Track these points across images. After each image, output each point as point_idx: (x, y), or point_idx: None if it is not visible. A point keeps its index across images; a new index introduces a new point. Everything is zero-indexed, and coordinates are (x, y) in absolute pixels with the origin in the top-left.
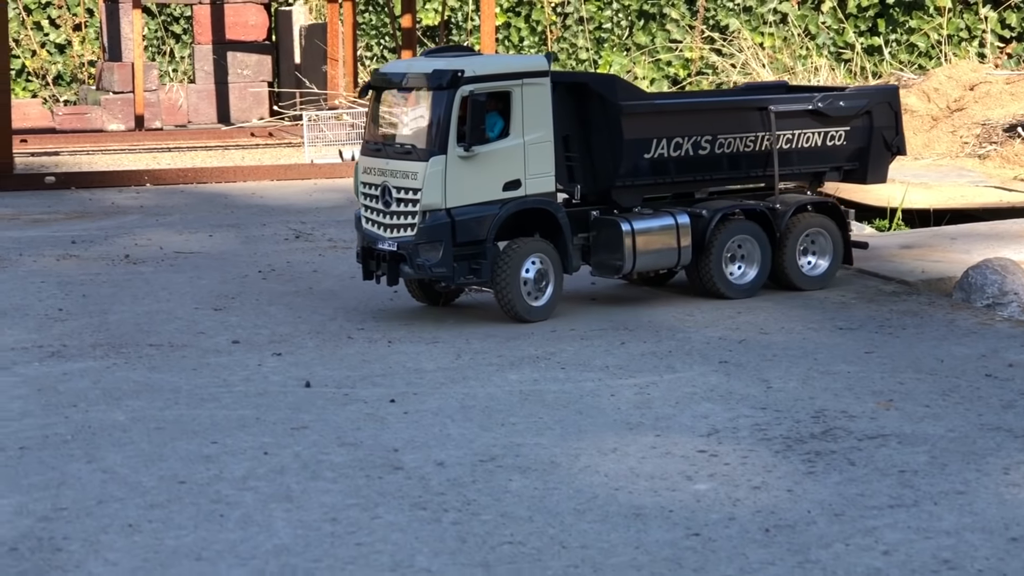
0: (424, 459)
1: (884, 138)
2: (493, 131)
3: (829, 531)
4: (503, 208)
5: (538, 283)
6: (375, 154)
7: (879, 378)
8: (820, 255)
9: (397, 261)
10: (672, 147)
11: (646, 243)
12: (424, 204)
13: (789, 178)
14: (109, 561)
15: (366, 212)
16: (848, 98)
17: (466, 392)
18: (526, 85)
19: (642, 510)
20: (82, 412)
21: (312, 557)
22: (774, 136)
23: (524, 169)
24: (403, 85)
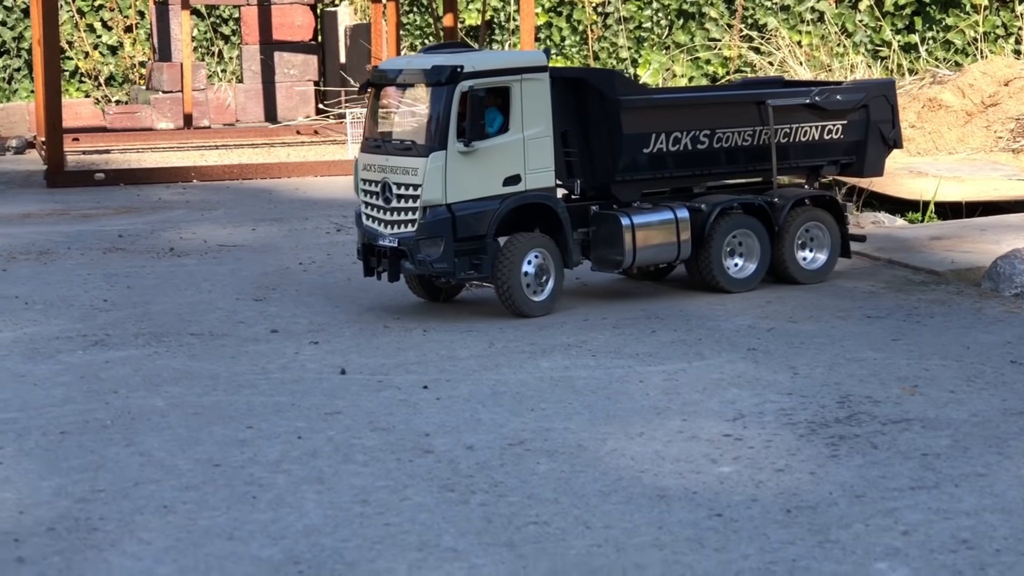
0: (454, 443)
1: (881, 131)
2: (493, 126)
3: (850, 512)
4: (503, 203)
5: (539, 278)
6: (375, 151)
7: (905, 364)
8: (818, 249)
9: (398, 257)
10: (671, 142)
11: (646, 237)
12: (424, 200)
13: (787, 172)
14: (143, 540)
15: (366, 209)
16: (845, 92)
17: (498, 379)
18: (525, 80)
19: (666, 492)
20: (122, 398)
21: (341, 537)
22: (772, 130)
23: (524, 164)
24: (402, 81)
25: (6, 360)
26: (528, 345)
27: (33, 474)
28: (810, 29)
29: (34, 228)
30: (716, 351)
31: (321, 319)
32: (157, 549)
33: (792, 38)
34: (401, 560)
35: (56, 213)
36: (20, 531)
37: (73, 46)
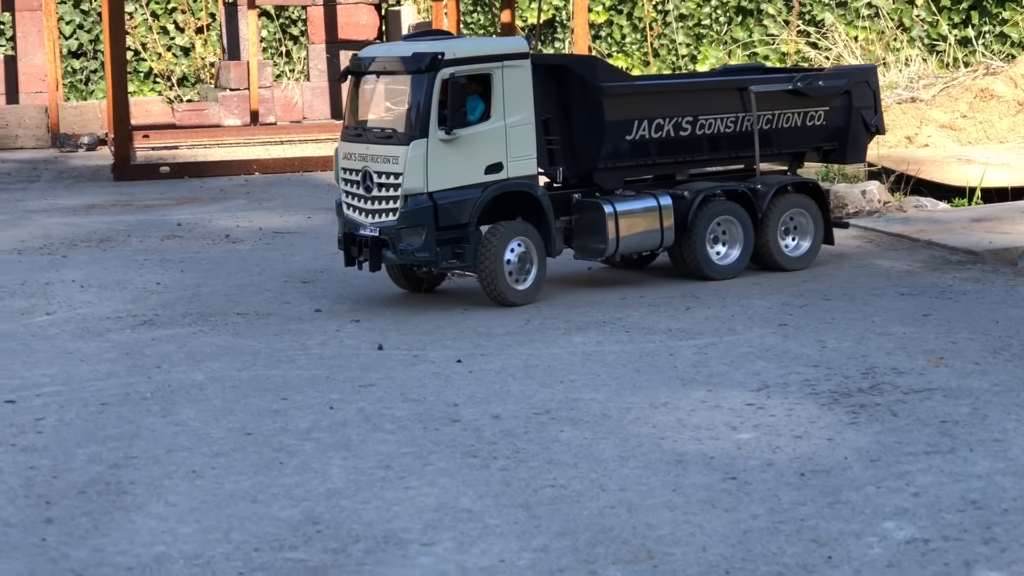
0: (481, 413)
1: (863, 117)
2: (474, 114)
3: (863, 475)
4: (485, 191)
5: (521, 266)
6: (355, 139)
7: (933, 338)
8: (802, 235)
9: (379, 246)
10: (653, 128)
11: (629, 225)
12: (406, 188)
13: (770, 159)
14: (169, 503)
15: (347, 198)
16: (827, 78)
17: (531, 353)
18: (506, 67)
19: (684, 457)
20: (164, 373)
21: (361, 499)
22: (755, 117)
23: (506, 152)
24: (382, 69)
25: (57, 338)
26: (564, 322)
27: (71, 442)
28: (867, 24)
29: (97, 218)
30: (748, 326)
31: (365, 299)
32: (182, 510)
33: (849, 33)
34: (417, 520)
35: (120, 204)
36: (52, 494)
37: (147, 48)
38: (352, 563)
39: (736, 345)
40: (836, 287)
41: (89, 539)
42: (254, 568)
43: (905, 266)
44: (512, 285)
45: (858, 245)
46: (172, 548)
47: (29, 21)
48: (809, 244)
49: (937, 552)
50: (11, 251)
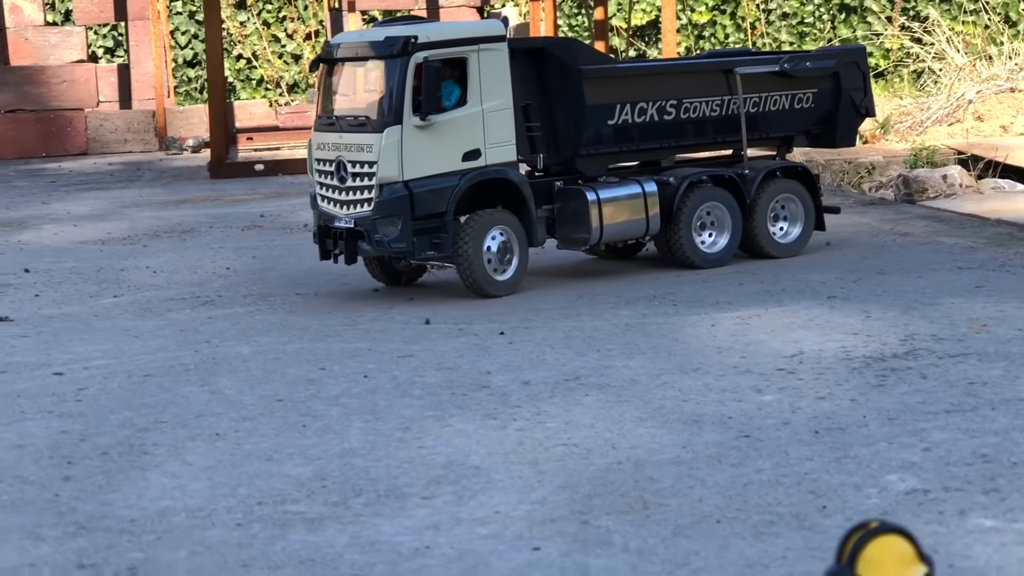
0: (512, 379)
1: (852, 99)
2: (450, 100)
3: (878, 432)
4: (463, 179)
5: (502, 256)
6: (328, 129)
7: (980, 308)
8: (792, 221)
9: (355, 238)
10: (636, 113)
11: (613, 213)
12: (380, 177)
13: (757, 143)
14: (186, 462)
15: (321, 190)
16: (814, 59)
17: (575, 325)
18: (482, 51)
19: (702, 417)
20: (212, 347)
21: (374, 457)
22: (741, 99)
23: (483, 138)
24: (354, 55)
25: (118, 318)
26: (614, 297)
27: (106, 409)
28: (972, 19)
29: (186, 211)
30: (796, 299)
31: (427, 279)
32: (196, 469)
33: (953, 28)
34: (423, 476)
35: (210, 199)
36: (75, 455)
37: (258, 56)
38: (349, 515)
39: (780, 316)
40: (894, 262)
41: (100, 495)
42: (252, 520)
43: (969, 242)
44: (492, 276)
45: (926, 224)
46: (178, 502)
47: (141, 31)
48: (800, 230)
49: (935, 502)
50: (96, 242)
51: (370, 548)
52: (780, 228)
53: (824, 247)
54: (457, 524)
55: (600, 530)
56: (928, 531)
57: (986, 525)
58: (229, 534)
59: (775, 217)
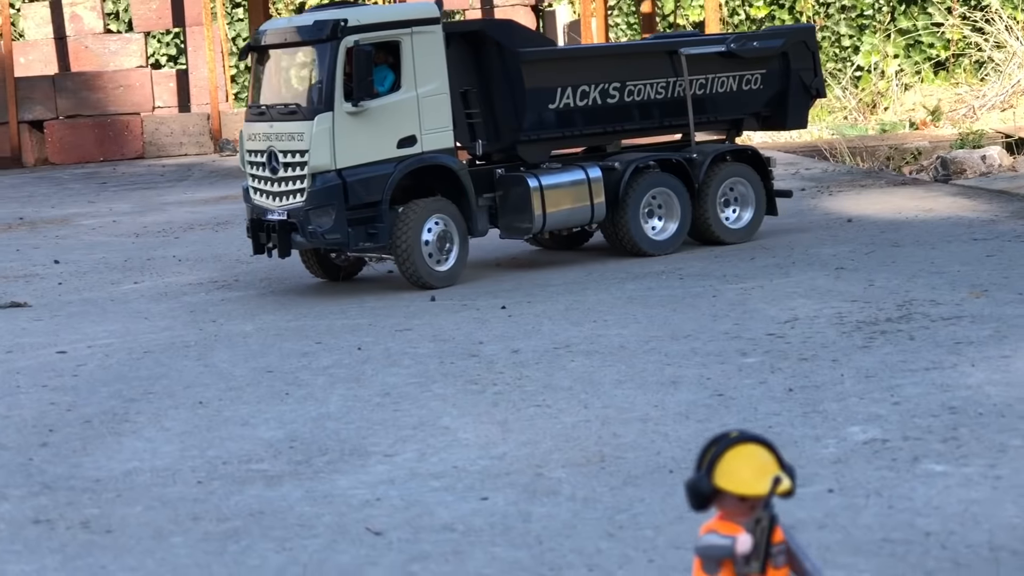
0: (503, 348)
1: (802, 80)
2: (383, 85)
3: (852, 389)
4: (398, 167)
5: (441, 246)
6: (258, 119)
7: (986, 275)
8: (743, 206)
9: (288, 231)
10: (578, 96)
11: (556, 200)
12: (312, 166)
13: (706, 127)
14: (164, 428)
15: (253, 182)
16: (762, 38)
17: (577, 299)
18: (416, 34)
19: (681, 379)
20: (217, 326)
21: (347, 421)
22: (686, 81)
23: (419, 124)
24: (283, 41)
25: (133, 302)
26: (623, 272)
27: (99, 383)
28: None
29: (225, 206)
30: (803, 271)
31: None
32: (172, 434)
33: (1014, 16)
34: (391, 437)
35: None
36: (59, 424)
37: None
38: (310, 472)
39: (783, 286)
40: (911, 236)
41: (72, 458)
42: (214, 478)
43: (991, 216)
44: (432, 267)
45: (952, 201)
46: (145, 463)
47: (198, 36)
48: (751, 215)
49: (891, 450)
50: (130, 235)
51: (322, 501)
52: (732, 212)
53: (845, 224)
54: (413, 478)
55: (552, 481)
56: (876, 476)
57: (936, 470)
58: (188, 491)
59: (725, 202)
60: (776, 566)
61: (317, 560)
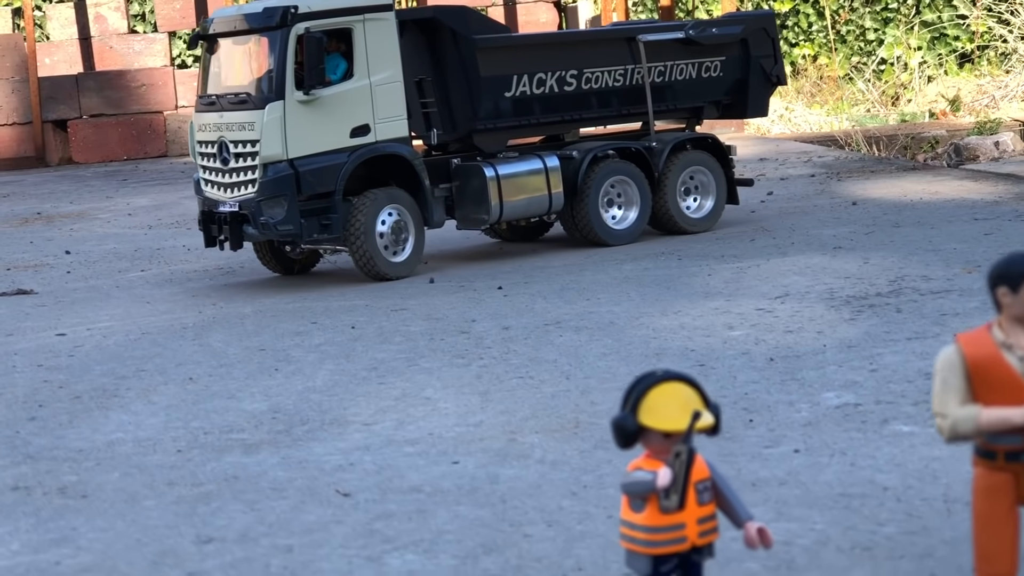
0: (494, 325)
1: (763, 67)
2: (336, 73)
3: (832, 358)
4: (352, 156)
5: (396, 237)
6: (209, 109)
7: (981, 252)
8: (703, 195)
9: (240, 223)
10: (535, 84)
11: (513, 189)
12: (263, 156)
13: (665, 115)
14: (152, 402)
15: (204, 174)
16: (721, 25)
17: (574, 279)
18: (368, 21)
19: (665, 351)
20: (217, 308)
21: (331, 394)
22: (645, 68)
23: (372, 113)
24: (232, 29)
25: (137, 288)
26: (623, 254)
27: (94, 362)
28: None
29: None
30: (801, 250)
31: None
32: (158, 407)
33: None
34: (372, 408)
35: None
36: (49, 400)
37: None
38: (288, 440)
39: (779, 265)
40: (913, 217)
41: (58, 431)
42: (193, 447)
43: (995, 198)
44: (387, 257)
45: (959, 184)
46: (129, 435)
47: None
48: (712, 203)
49: (862, 413)
50: (144, 227)
51: (296, 466)
52: (693, 201)
53: (849, 207)
54: (388, 445)
55: (524, 446)
56: (844, 437)
57: (903, 431)
58: (167, 459)
59: (686, 191)
60: (701, 502)
61: (283, 520)
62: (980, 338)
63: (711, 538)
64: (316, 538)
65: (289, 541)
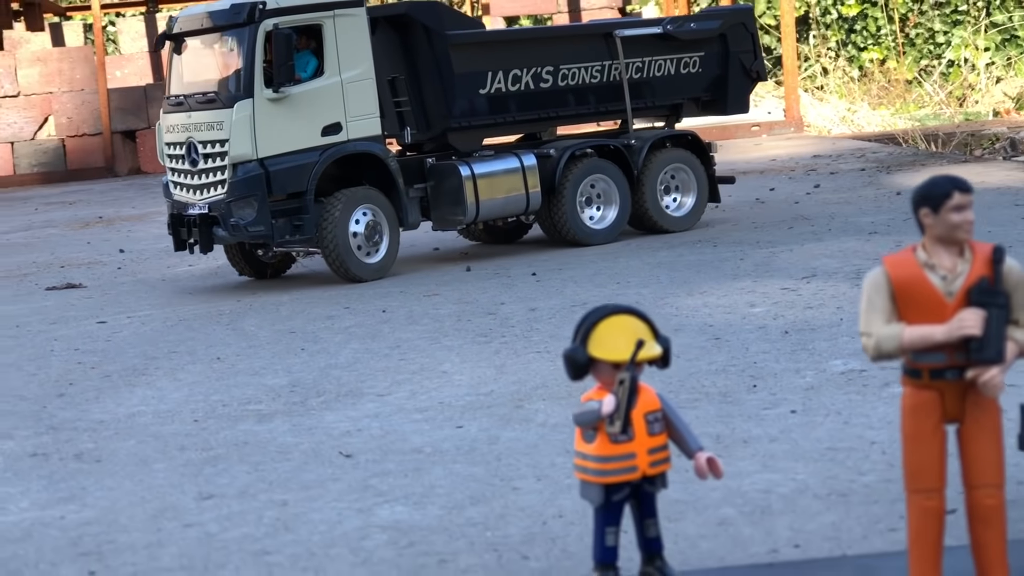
0: (521, 308)
1: (742, 63)
2: (306, 71)
3: (846, 330)
4: (323, 155)
5: (370, 238)
6: (177, 109)
7: (1016, 234)
8: (684, 193)
9: (209, 225)
10: (510, 81)
11: (489, 189)
12: (233, 156)
13: (644, 112)
14: (177, 379)
15: (173, 176)
16: (699, 20)
17: (608, 265)
18: (338, 16)
19: (685, 327)
20: (255, 297)
21: (352, 369)
22: (622, 64)
23: (344, 111)
24: (200, 27)
25: (183, 281)
26: (661, 243)
27: (129, 345)
28: None
29: None
30: (837, 236)
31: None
32: (183, 384)
33: None
34: (389, 380)
35: None
36: (80, 379)
37: None
38: (302, 409)
39: (812, 249)
40: None
41: (83, 406)
42: (210, 417)
43: None
44: (361, 259)
45: (1007, 174)
46: (150, 408)
47: None
48: (693, 202)
49: (864, 378)
50: None
51: (304, 432)
52: (673, 200)
53: (893, 196)
54: (397, 412)
55: (528, 411)
56: (843, 399)
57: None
58: (183, 428)
59: (666, 189)
60: (652, 433)
61: (284, 478)
62: (904, 259)
63: (662, 468)
64: (312, 493)
65: (285, 496)
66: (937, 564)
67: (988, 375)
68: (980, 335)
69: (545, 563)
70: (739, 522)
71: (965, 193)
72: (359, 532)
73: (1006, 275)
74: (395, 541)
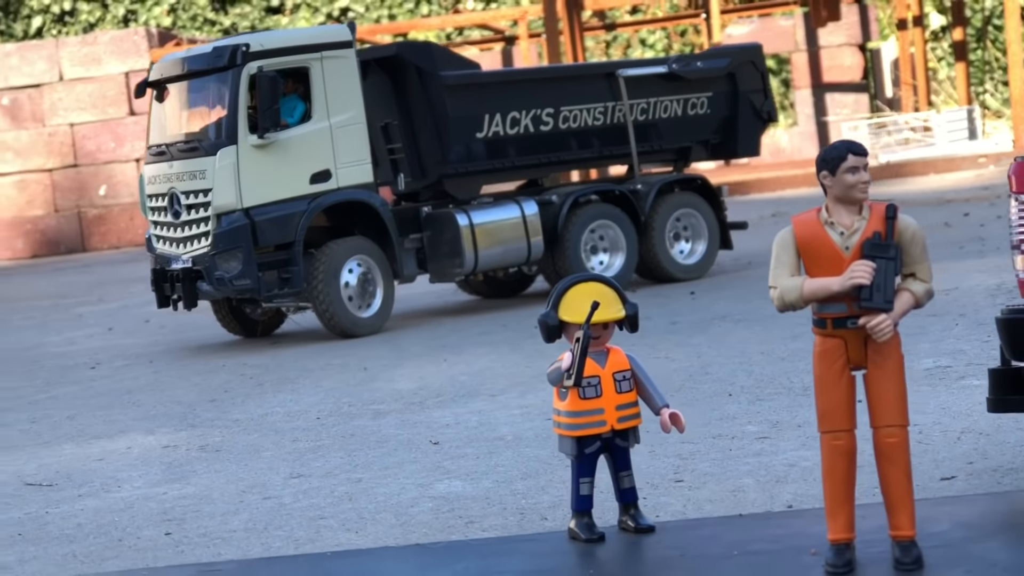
0: (664, 321)
1: (752, 103)
2: (293, 115)
3: (957, 333)
4: (312, 204)
5: (363, 290)
6: (159, 159)
7: None
8: (695, 239)
9: (193, 279)
10: (509, 123)
11: (488, 238)
12: (216, 206)
13: (651, 156)
14: (319, 386)
15: (156, 229)
16: (706, 58)
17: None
18: (326, 59)
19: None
20: (419, 319)
21: (479, 375)
22: (626, 105)
23: (334, 157)
24: (182, 73)
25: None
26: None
27: (291, 359)
28: None
29: None
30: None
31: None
32: (324, 389)
33: None
34: (506, 383)
35: None
36: (236, 387)
37: None
38: (417, 409)
39: (958, 266)
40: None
41: (226, 409)
42: (332, 415)
43: None
44: (354, 312)
45: None
46: (283, 409)
47: None
48: (705, 248)
49: (945, 373)
50: None
51: (409, 426)
52: (683, 246)
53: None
54: (501, 409)
55: None
56: (922, 391)
57: (973, 384)
58: (303, 424)
59: (676, 236)
60: (620, 390)
61: (369, 462)
62: (809, 219)
63: (632, 423)
64: (388, 473)
65: (363, 475)
66: (848, 496)
67: (875, 321)
68: (868, 284)
69: (560, 524)
70: (751, 489)
71: (859, 156)
72: (411, 501)
73: (901, 231)
74: (438, 508)
